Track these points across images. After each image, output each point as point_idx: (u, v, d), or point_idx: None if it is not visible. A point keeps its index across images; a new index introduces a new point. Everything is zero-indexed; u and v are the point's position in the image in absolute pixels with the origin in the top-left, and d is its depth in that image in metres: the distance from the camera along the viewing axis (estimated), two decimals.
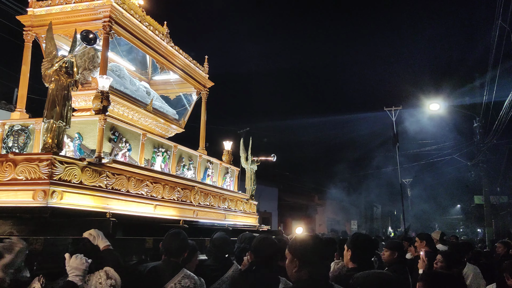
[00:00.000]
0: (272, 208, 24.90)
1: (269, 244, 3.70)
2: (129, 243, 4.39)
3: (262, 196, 23.48)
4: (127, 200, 5.23)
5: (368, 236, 4.01)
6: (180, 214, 6.34)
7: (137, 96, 6.98)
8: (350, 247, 3.82)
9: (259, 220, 19.19)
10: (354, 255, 3.79)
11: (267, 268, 3.54)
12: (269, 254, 3.62)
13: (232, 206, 8.11)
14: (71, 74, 4.41)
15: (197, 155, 7.33)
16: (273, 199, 25.10)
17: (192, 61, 8.09)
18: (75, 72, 4.44)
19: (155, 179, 5.84)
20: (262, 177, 23.96)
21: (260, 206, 23.32)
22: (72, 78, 4.41)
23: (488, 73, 17.37)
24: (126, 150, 5.53)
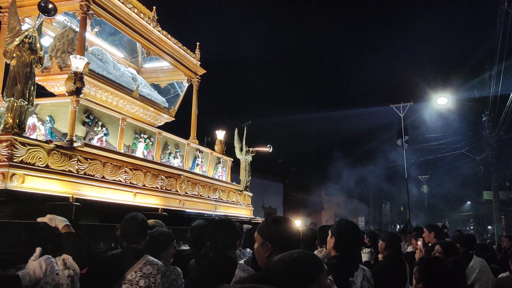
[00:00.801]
0: (277, 204, 24.52)
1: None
2: (98, 230, 4.09)
3: (267, 191, 23.16)
4: (102, 187, 4.93)
5: (353, 224, 3.64)
6: (164, 203, 6.04)
7: (122, 82, 6.68)
8: (334, 234, 3.47)
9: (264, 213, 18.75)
10: (338, 243, 3.44)
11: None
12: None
13: (224, 196, 7.79)
14: (35, 51, 4.11)
15: (185, 143, 7.01)
16: (278, 194, 24.73)
17: (182, 47, 7.76)
18: (38, 48, 4.13)
19: (136, 166, 5.54)
20: (267, 172, 23.65)
21: (264, 201, 22.99)
22: (35, 54, 4.11)
23: (495, 65, 16.79)
24: (103, 135, 5.23)
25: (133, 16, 6.41)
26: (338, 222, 3.68)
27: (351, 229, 3.54)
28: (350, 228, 3.53)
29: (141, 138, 5.91)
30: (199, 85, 8.32)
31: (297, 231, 2.44)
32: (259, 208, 22.30)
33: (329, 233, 3.51)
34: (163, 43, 7.25)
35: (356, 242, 3.65)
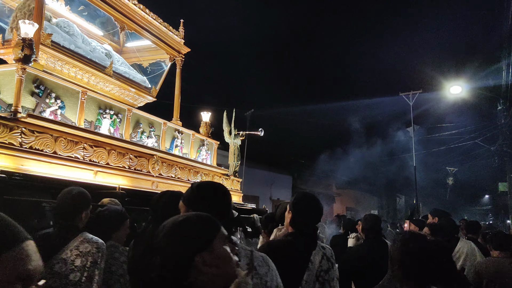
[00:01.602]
0: (286, 197, 23.87)
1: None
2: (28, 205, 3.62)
3: (274, 184, 22.61)
4: (54, 163, 4.48)
5: (313, 197, 3.10)
6: (133, 183, 5.58)
7: (94, 58, 6.23)
8: (291, 209, 2.93)
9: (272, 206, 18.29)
10: (295, 219, 2.91)
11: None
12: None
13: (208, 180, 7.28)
14: None
15: (161, 123, 6.52)
16: (287, 187, 24.13)
17: (162, 23, 7.29)
18: None
19: (97, 142, 5.08)
20: (275, 165, 23.10)
21: (272, 194, 22.44)
22: None
23: (510, 52, 15.85)
24: (57, 108, 4.78)
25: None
26: (296, 195, 3.11)
27: (310, 204, 3.01)
28: (308, 203, 3.00)
29: (106, 114, 5.45)
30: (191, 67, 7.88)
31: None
32: (267, 200, 21.77)
33: (287, 207, 2.99)
34: (141, 18, 6.79)
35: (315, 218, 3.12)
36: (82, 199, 3.11)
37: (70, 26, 6.01)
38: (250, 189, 19.73)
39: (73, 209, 3.02)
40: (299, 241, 2.83)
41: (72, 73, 5.98)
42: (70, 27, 6.00)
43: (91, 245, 2.90)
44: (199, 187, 2.08)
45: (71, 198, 3.05)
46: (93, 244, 2.92)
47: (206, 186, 2.10)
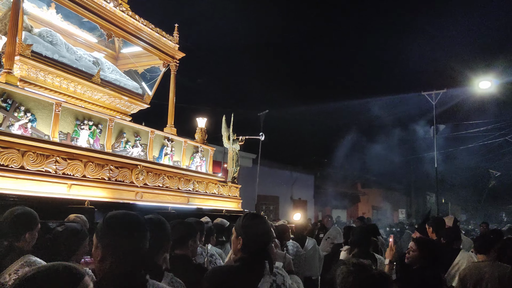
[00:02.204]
0: (308, 196, 23.51)
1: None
2: None
3: (296, 184, 22.23)
4: (20, 178, 4.38)
5: (262, 220, 2.80)
6: (114, 195, 5.44)
7: (80, 67, 6.14)
8: (240, 235, 2.66)
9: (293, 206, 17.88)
10: (246, 245, 2.65)
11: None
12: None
13: (201, 188, 7.09)
14: None
15: (148, 131, 6.36)
16: (309, 186, 23.68)
17: (154, 29, 7.12)
18: None
19: (71, 154, 4.96)
20: (296, 164, 22.72)
21: (293, 193, 22.08)
22: None
23: None
24: (27, 121, 4.68)
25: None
26: (245, 218, 2.80)
27: (260, 227, 2.73)
28: (258, 226, 2.71)
29: (84, 125, 5.32)
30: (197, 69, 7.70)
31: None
32: (287, 200, 21.45)
33: (233, 232, 2.71)
34: (129, 25, 6.64)
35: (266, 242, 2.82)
36: (25, 218, 2.95)
37: (53, 36, 5.92)
38: (270, 190, 19.46)
39: (15, 230, 2.86)
40: (247, 268, 2.57)
41: (56, 83, 5.90)
42: (53, 36, 5.92)
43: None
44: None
45: (13, 218, 2.89)
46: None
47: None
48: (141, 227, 1.99)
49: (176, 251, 3.22)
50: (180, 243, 3.26)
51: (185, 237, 3.27)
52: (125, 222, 1.95)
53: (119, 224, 1.90)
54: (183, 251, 3.23)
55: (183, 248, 3.23)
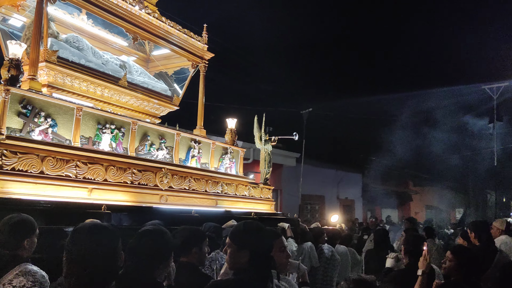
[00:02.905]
0: (355, 196, 22.78)
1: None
2: None
3: (342, 183, 21.63)
4: (41, 183, 4.42)
5: (262, 228, 2.57)
6: (137, 199, 5.40)
7: (107, 70, 6.18)
8: (246, 247, 2.46)
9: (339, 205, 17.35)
10: (254, 257, 2.47)
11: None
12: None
13: (230, 190, 6.94)
14: None
15: (173, 133, 6.28)
16: (356, 185, 22.93)
17: (181, 30, 7.05)
18: None
19: (92, 159, 4.96)
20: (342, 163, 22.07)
21: (339, 193, 21.50)
22: None
23: None
24: (48, 127, 4.72)
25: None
26: (249, 232, 2.57)
27: (267, 240, 2.53)
28: (265, 239, 2.51)
29: (106, 129, 5.31)
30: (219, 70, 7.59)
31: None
32: (334, 200, 20.91)
33: (233, 245, 2.52)
34: (155, 27, 6.59)
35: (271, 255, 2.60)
36: (22, 226, 2.92)
37: (80, 41, 5.99)
38: (315, 189, 19.05)
39: (13, 238, 2.84)
40: (251, 282, 2.39)
41: (83, 87, 5.96)
42: (80, 41, 5.98)
43: (27, 279, 2.69)
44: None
45: (10, 226, 2.87)
46: (28, 278, 2.70)
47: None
48: (103, 238, 1.85)
49: (182, 259, 3.08)
50: (184, 250, 3.10)
51: (188, 244, 3.11)
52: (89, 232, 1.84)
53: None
54: (188, 258, 3.08)
55: (188, 255, 3.09)
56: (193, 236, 3.16)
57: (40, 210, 4.13)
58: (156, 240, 2.35)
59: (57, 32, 5.78)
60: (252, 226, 2.49)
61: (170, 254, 2.44)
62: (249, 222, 2.60)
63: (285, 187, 16.49)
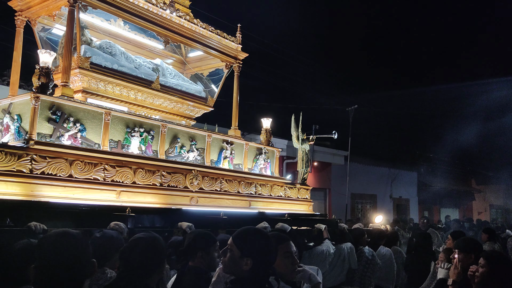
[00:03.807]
0: (410, 194, 21.72)
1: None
2: None
3: (396, 181, 20.75)
4: (69, 186, 4.54)
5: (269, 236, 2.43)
6: (167, 201, 5.44)
7: (140, 74, 6.27)
8: (247, 254, 2.35)
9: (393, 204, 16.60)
10: (259, 267, 2.36)
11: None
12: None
13: (265, 191, 6.81)
14: None
15: (205, 135, 6.25)
16: (411, 184, 21.85)
17: (213, 31, 7.01)
18: None
19: (120, 162, 5.04)
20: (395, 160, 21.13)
21: (393, 191, 20.63)
22: None
23: None
24: (77, 131, 4.84)
25: (139, 4, 5.91)
26: (254, 240, 2.43)
27: (272, 249, 2.39)
28: (270, 247, 2.37)
29: (135, 132, 5.38)
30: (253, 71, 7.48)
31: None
32: (386, 199, 20.11)
33: (236, 250, 2.41)
34: (187, 30, 6.60)
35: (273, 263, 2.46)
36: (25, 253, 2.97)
37: (113, 47, 6.12)
38: (366, 188, 18.42)
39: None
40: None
41: (117, 92, 6.09)
42: (113, 47, 6.11)
43: None
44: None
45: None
46: None
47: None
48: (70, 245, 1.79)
49: (190, 263, 3.02)
50: (189, 254, 3.03)
51: (193, 249, 3.03)
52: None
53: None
54: (195, 263, 3.01)
55: (194, 259, 3.02)
56: (199, 240, 3.07)
57: (67, 212, 4.26)
58: (148, 247, 2.29)
59: (91, 39, 5.93)
60: (259, 233, 2.36)
61: (162, 261, 2.37)
62: (256, 228, 2.46)
63: (334, 186, 16.06)
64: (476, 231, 12.05)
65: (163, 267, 2.41)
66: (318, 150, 15.05)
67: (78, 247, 1.79)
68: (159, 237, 2.40)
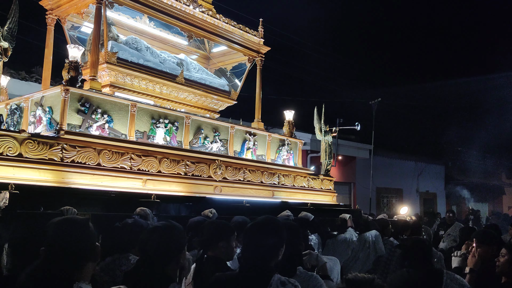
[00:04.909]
0: (437, 189, 21.20)
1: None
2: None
3: (422, 175, 20.30)
4: (98, 174, 4.66)
5: (273, 221, 2.43)
6: (191, 189, 5.50)
7: (165, 69, 6.36)
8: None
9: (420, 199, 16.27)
10: (244, 253, 2.40)
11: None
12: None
13: (288, 181, 6.79)
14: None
15: (228, 126, 6.28)
16: (438, 178, 21.31)
17: (236, 26, 7.02)
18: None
19: (145, 152, 5.13)
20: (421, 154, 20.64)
21: (420, 185, 20.19)
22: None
23: None
24: (104, 122, 4.95)
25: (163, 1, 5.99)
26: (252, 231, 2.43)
27: (264, 232, 2.39)
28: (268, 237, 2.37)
29: (160, 124, 5.45)
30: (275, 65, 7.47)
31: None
32: (413, 193, 19.70)
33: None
34: (210, 25, 6.64)
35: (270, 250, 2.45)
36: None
37: (138, 42, 6.22)
38: (392, 182, 18.10)
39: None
40: (252, 276, 2.28)
41: (143, 86, 6.19)
42: (138, 43, 6.22)
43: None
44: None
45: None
46: None
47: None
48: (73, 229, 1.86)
49: (208, 253, 2.99)
50: (210, 244, 3.00)
51: (214, 238, 3.00)
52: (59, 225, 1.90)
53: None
54: (214, 253, 2.98)
55: (214, 249, 2.98)
56: (220, 230, 3.05)
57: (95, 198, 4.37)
58: (165, 237, 2.26)
59: (117, 35, 6.05)
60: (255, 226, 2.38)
61: (179, 250, 2.35)
62: (256, 223, 2.42)
63: (359, 180, 15.84)
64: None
65: (181, 255, 2.38)
66: (343, 144, 14.88)
67: (79, 233, 1.87)
68: (177, 226, 2.36)
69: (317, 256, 2.89)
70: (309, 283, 2.55)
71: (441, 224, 10.93)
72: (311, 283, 2.57)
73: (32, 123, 5.08)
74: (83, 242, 1.86)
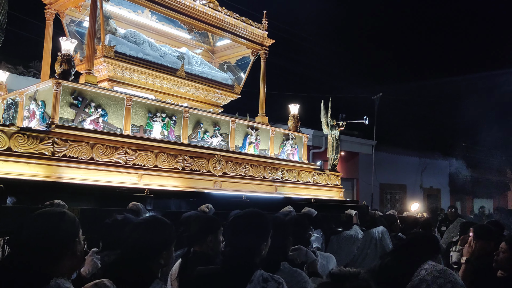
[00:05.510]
0: (441, 184, 20.54)
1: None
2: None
3: (426, 171, 19.68)
4: (91, 169, 4.32)
5: (258, 214, 2.11)
6: (190, 184, 5.15)
7: (165, 62, 6.00)
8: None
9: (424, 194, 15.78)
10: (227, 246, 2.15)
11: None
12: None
13: (292, 177, 6.39)
14: None
15: (229, 120, 5.90)
16: (442, 173, 20.65)
17: (239, 18, 6.63)
18: None
19: (141, 146, 4.78)
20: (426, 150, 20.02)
21: (423, 181, 19.59)
22: None
23: None
24: (99, 116, 4.61)
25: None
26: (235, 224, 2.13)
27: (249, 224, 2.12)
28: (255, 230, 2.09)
29: (157, 118, 5.09)
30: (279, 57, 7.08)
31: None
32: (416, 189, 19.10)
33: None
34: (211, 18, 6.26)
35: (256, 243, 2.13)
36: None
37: (137, 36, 5.87)
38: (395, 177, 17.55)
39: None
40: (233, 271, 2.00)
41: (142, 80, 5.84)
42: (137, 36, 5.86)
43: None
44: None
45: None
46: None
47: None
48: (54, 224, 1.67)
49: (195, 248, 2.72)
50: (197, 239, 2.75)
51: (202, 233, 2.75)
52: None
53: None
54: (201, 248, 2.71)
55: (202, 244, 2.71)
56: (209, 225, 2.77)
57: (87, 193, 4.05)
58: (148, 232, 2.01)
59: (115, 29, 5.71)
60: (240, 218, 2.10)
61: (164, 246, 2.04)
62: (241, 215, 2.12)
63: (362, 176, 15.34)
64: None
65: (166, 252, 2.05)
66: (346, 140, 14.38)
67: (52, 226, 1.65)
68: (164, 221, 2.10)
69: (307, 252, 2.59)
70: (292, 278, 2.30)
71: (443, 219, 10.47)
72: (295, 278, 2.31)
73: (26, 117, 4.76)
74: (57, 236, 1.65)
